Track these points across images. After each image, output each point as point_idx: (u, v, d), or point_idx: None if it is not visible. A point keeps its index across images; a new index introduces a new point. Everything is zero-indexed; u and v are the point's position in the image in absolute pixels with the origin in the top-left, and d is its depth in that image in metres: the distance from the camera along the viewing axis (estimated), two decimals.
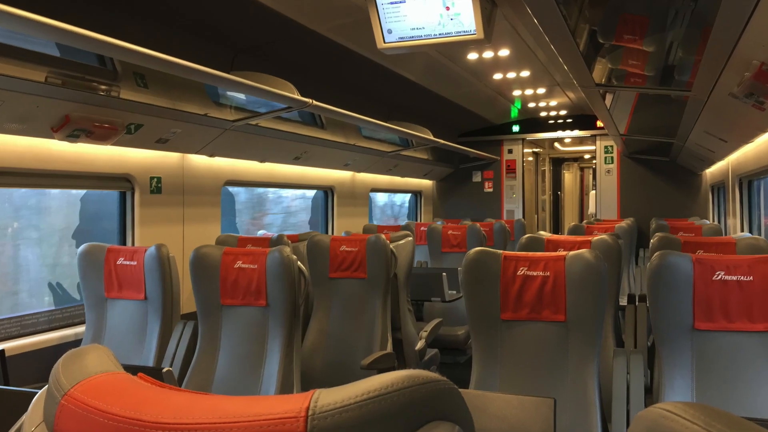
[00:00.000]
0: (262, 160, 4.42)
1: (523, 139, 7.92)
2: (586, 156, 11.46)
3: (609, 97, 4.07)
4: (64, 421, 0.56)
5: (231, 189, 4.96)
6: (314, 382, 3.02)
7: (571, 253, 2.06)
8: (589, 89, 3.61)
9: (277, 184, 4.89)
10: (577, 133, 7.72)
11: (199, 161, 3.83)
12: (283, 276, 2.39)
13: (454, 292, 4.02)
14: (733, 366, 1.83)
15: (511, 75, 5.19)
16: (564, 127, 7.70)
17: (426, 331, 3.45)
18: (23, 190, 3.26)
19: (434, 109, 6.24)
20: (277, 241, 3.62)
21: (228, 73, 2.87)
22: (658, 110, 4.67)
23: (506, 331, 2.09)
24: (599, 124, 7.12)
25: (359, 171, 5.96)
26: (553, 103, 6.79)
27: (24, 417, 0.63)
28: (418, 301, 4.16)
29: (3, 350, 2.29)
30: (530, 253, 2.11)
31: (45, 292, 3.39)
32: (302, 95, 3.35)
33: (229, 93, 3.67)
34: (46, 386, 0.60)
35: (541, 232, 2.99)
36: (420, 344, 3.38)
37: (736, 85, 2.56)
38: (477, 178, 8.06)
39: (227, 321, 2.51)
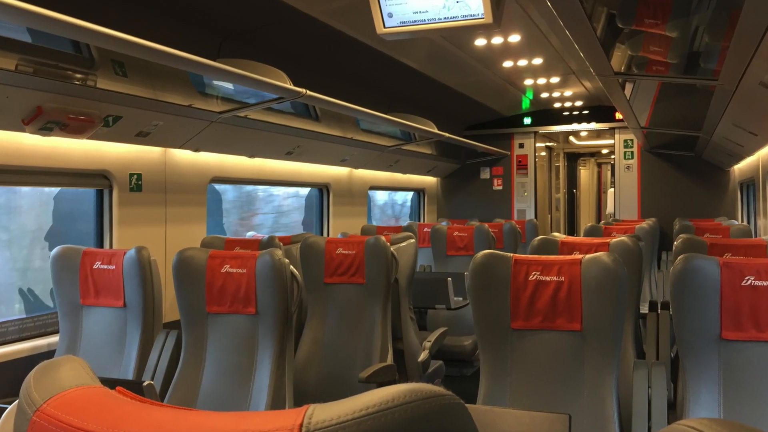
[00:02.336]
0: (251, 156, 4.42)
1: (536, 133, 7.92)
2: (604, 151, 11.46)
3: (629, 87, 4.07)
4: None
5: (218, 187, 4.96)
6: (308, 396, 3.02)
7: (588, 256, 2.06)
8: (607, 78, 3.61)
9: (267, 181, 4.89)
10: (593, 125, 7.72)
11: (183, 156, 3.83)
12: (274, 281, 2.39)
13: (461, 298, 4.03)
14: (763, 379, 1.83)
15: (523, 63, 5.19)
16: (580, 119, 7.70)
17: (430, 341, 3.45)
18: None
19: (439, 99, 6.24)
20: (268, 243, 3.62)
21: (214, 60, 2.87)
22: (682, 101, 4.68)
23: (517, 341, 2.09)
24: (618, 116, 7.11)
25: (357, 167, 5.97)
26: (567, 93, 6.79)
27: None
28: (421, 308, 4.16)
29: None
30: (543, 257, 2.11)
31: (15, 299, 3.40)
32: (295, 84, 3.35)
33: (215, 82, 3.67)
34: (17, 401, 0.60)
35: (555, 234, 3.00)
36: (423, 355, 3.38)
37: (767, 73, 2.56)
38: (485, 174, 8.07)
39: (213, 330, 2.51)
